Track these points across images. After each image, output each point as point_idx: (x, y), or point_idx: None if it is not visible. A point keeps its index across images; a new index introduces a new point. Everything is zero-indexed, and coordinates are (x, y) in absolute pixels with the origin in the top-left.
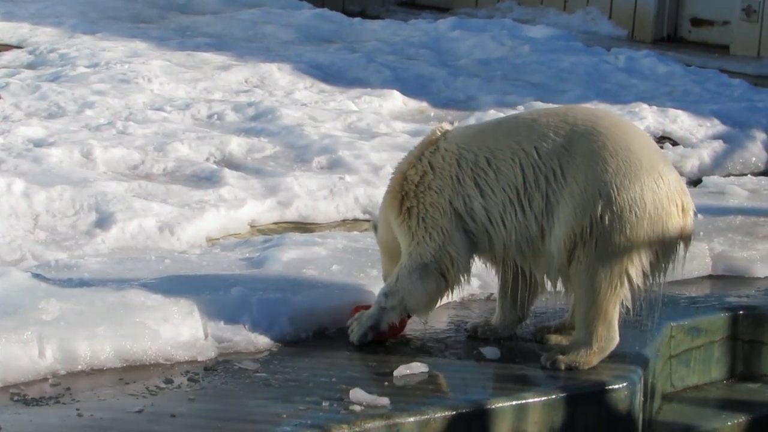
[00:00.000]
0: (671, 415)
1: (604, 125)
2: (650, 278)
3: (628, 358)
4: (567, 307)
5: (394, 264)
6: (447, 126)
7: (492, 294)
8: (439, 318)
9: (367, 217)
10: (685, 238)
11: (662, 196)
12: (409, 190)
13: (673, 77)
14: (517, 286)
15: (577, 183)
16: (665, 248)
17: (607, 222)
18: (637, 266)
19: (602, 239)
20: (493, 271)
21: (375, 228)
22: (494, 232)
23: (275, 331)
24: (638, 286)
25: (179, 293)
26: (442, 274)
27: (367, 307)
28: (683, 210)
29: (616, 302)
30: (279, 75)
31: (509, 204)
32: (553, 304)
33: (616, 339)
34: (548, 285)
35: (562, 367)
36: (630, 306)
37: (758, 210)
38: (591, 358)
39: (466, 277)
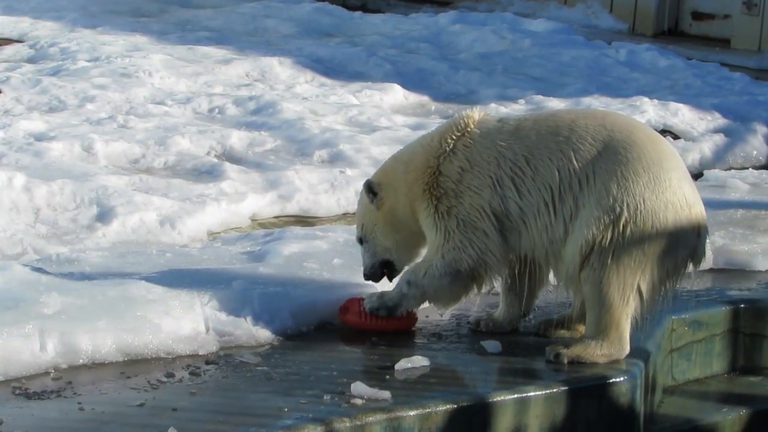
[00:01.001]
0: (672, 408)
1: (640, 137)
2: (659, 294)
3: (629, 351)
4: (569, 301)
5: (388, 228)
6: (475, 114)
7: (493, 287)
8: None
9: None
10: (696, 261)
11: (683, 218)
12: (448, 189)
13: (674, 71)
14: (524, 281)
15: (607, 190)
16: (677, 268)
17: (628, 233)
18: (647, 281)
19: (620, 249)
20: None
21: (373, 191)
22: (526, 232)
23: (276, 325)
24: (648, 299)
25: (180, 287)
26: (473, 278)
27: (361, 299)
28: (699, 235)
29: (628, 313)
30: (280, 69)
31: (543, 205)
32: (554, 298)
33: (627, 350)
34: (556, 281)
35: (566, 360)
36: (639, 318)
37: (759, 203)
38: (596, 357)
39: (497, 279)
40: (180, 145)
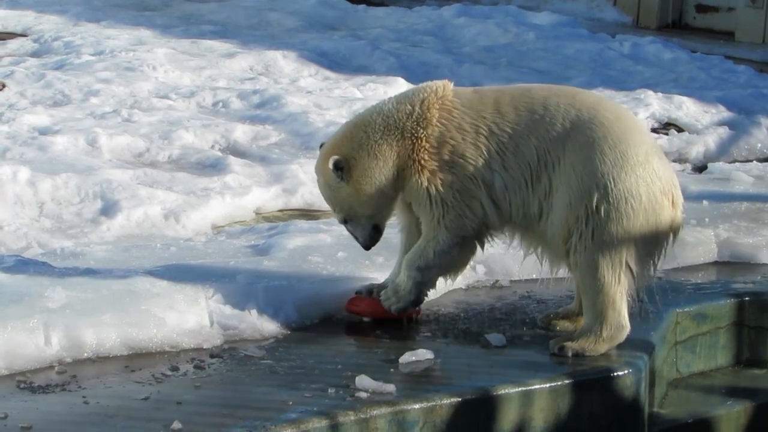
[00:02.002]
0: (677, 401)
1: (606, 116)
2: (648, 268)
3: (633, 344)
4: (572, 294)
5: (365, 198)
6: (449, 84)
7: (497, 281)
8: (444, 304)
9: None
10: (675, 230)
11: (656, 190)
12: (441, 161)
13: (679, 64)
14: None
15: (575, 172)
16: (658, 240)
17: (603, 213)
18: (635, 256)
19: (599, 230)
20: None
21: (340, 167)
22: (506, 206)
23: (281, 318)
24: (639, 275)
25: (185, 281)
26: (477, 239)
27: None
28: (673, 203)
29: (623, 291)
30: (284, 62)
31: (523, 181)
32: (557, 291)
33: (627, 328)
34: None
35: (570, 353)
36: (634, 296)
37: (764, 196)
38: (599, 345)
39: (498, 236)
40: (184, 138)
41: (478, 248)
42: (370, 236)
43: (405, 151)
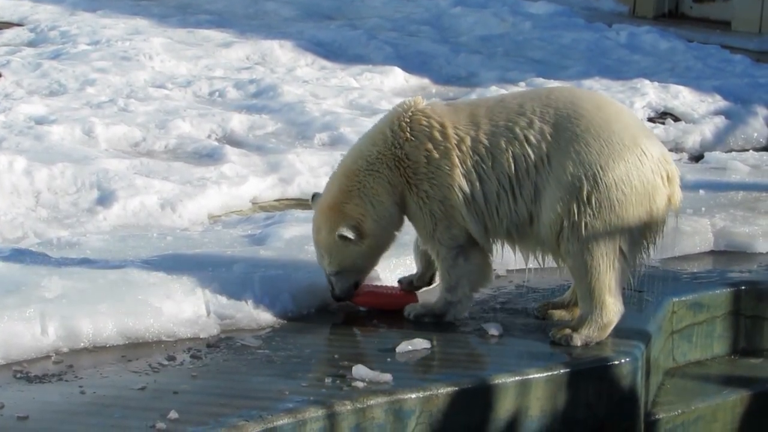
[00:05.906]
0: (673, 390)
1: (586, 107)
2: (644, 251)
3: (630, 333)
4: (568, 284)
5: (373, 250)
6: (421, 99)
7: (494, 270)
8: None
9: None
10: (675, 205)
11: (647, 171)
12: (421, 173)
13: (675, 53)
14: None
15: (563, 168)
16: (654, 221)
17: (594, 203)
18: (628, 241)
19: (591, 219)
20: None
21: (355, 231)
22: (488, 217)
23: (277, 308)
24: (632, 258)
25: (181, 270)
26: (477, 242)
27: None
28: (669, 179)
29: (617, 276)
30: (280, 52)
31: (503, 191)
32: (554, 280)
33: (623, 310)
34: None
35: (579, 343)
36: (628, 279)
37: (760, 185)
38: (603, 332)
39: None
40: (180, 128)
41: (487, 250)
42: (349, 289)
43: (396, 179)
